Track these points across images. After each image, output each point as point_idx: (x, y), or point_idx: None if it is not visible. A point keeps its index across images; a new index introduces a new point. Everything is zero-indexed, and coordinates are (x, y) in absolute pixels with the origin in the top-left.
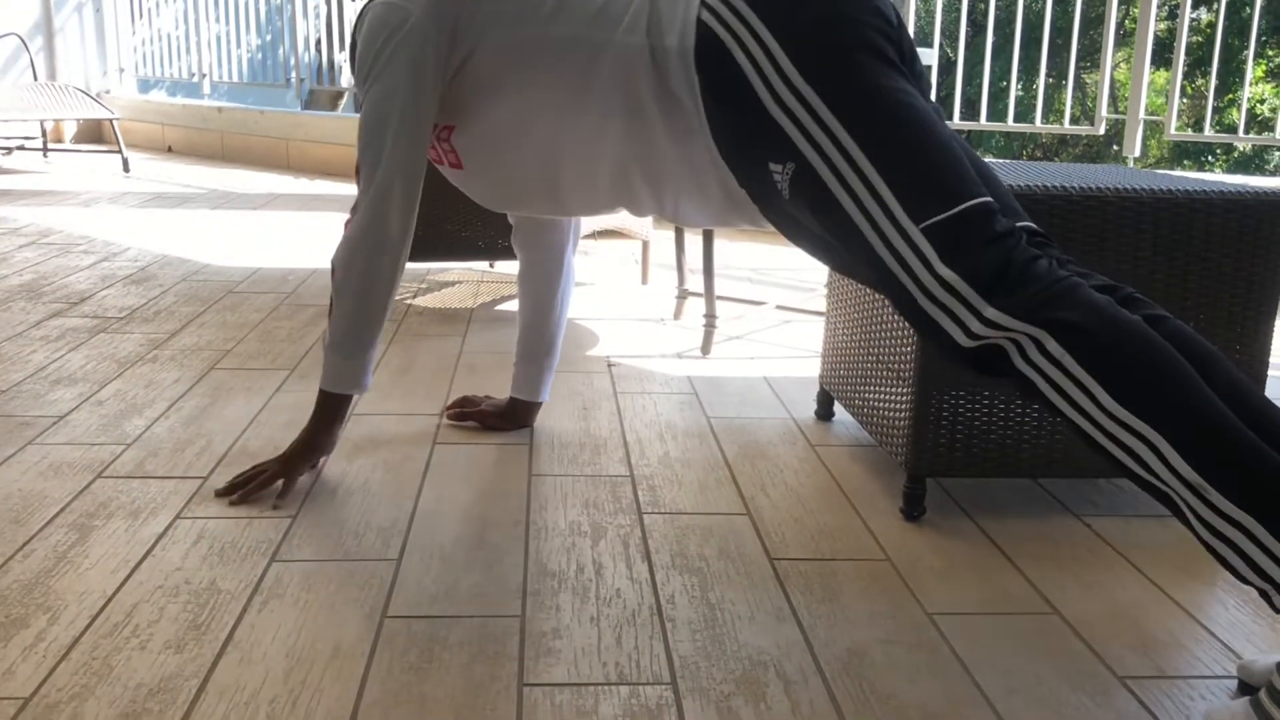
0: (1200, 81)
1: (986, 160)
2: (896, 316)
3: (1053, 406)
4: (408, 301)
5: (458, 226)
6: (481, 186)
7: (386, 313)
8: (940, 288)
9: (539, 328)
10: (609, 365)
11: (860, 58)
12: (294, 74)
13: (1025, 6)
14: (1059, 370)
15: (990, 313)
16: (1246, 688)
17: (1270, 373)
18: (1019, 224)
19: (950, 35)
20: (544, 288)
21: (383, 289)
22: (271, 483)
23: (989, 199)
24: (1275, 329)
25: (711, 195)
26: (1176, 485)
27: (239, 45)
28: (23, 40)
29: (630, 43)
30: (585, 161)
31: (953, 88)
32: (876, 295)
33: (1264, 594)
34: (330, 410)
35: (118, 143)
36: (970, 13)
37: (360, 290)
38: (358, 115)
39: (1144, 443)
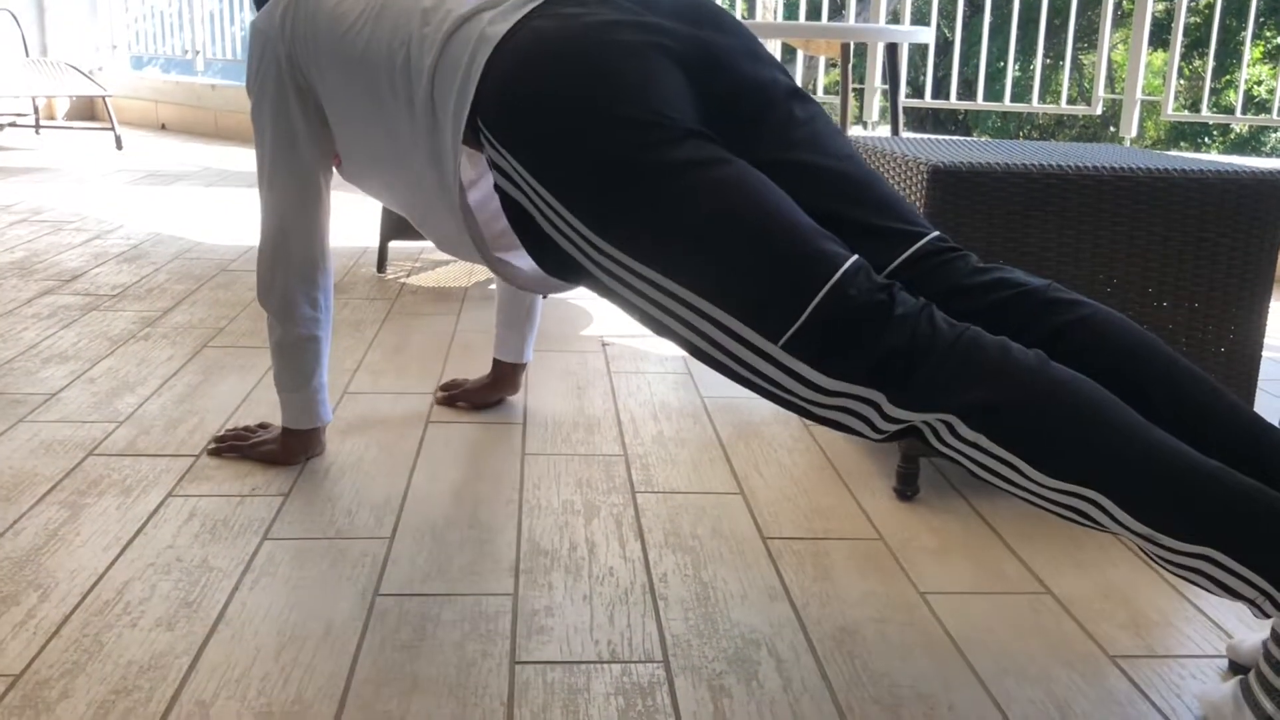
0: (1198, 63)
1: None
2: None
3: (983, 480)
4: (401, 280)
5: None
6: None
7: (318, 342)
8: (829, 397)
9: (518, 296)
10: (603, 345)
11: (653, 193)
12: None
13: None
14: (979, 451)
15: (889, 409)
16: (1236, 667)
17: (1265, 353)
18: (909, 251)
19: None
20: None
21: (303, 316)
22: (263, 460)
23: (841, 269)
24: (1271, 309)
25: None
26: (1129, 535)
27: (232, 22)
28: (14, 16)
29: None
30: (434, 223)
31: (950, 67)
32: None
33: (1250, 607)
34: (297, 442)
35: (110, 120)
36: None
37: (281, 320)
38: None
39: (1086, 502)
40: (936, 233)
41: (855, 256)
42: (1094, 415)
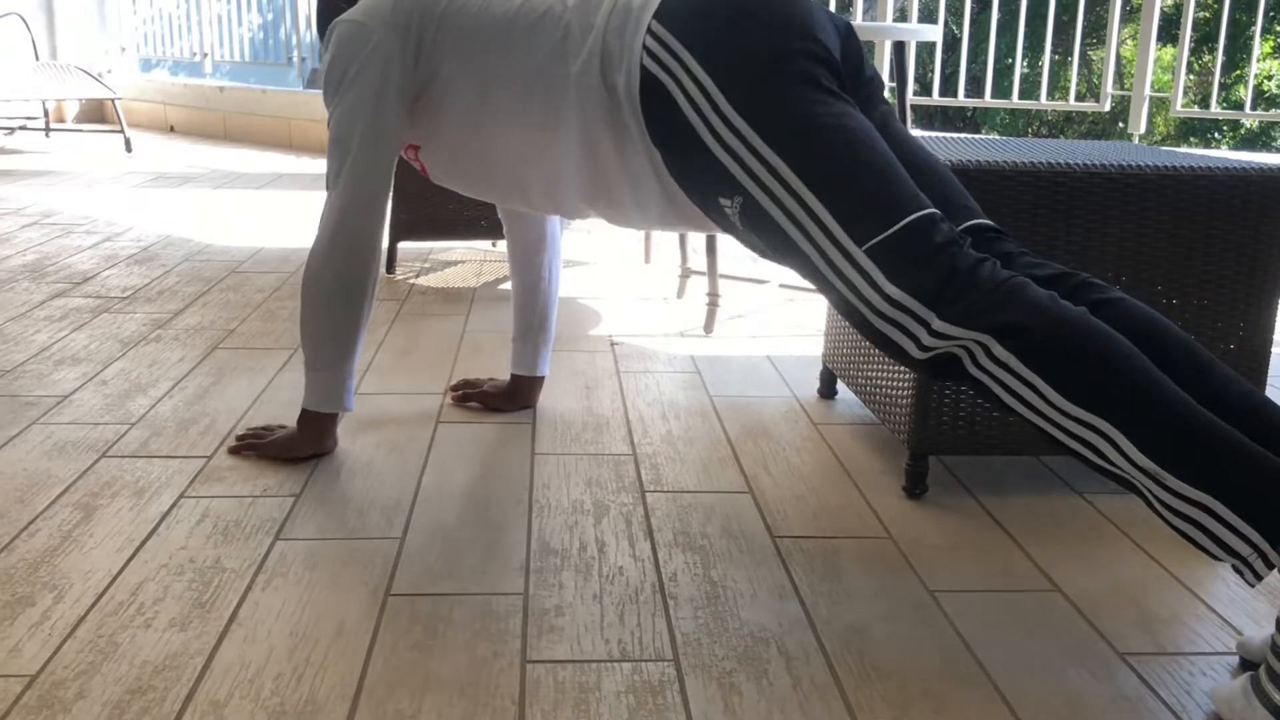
0: (1207, 58)
1: (991, 137)
2: None
3: (1007, 406)
4: (410, 281)
5: (460, 206)
6: (454, 186)
7: (364, 322)
8: (889, 305)
9: (530, 302)
10: (611, 344)
11: (793, 89)
12: (296, 53)
13: None
14: (1007, 373)
15: (938, 324)
16: (1246, 664)
17: (1274, 349)
18: (969, 223)
19: (955, 11)
20: (531, 257)
21: (359, 294)
22: (277, 450)
23: (928, 210)
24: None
25: (675, 217)
26: (1134, 473)
27: (240, 24)
28: (24, 20)
29: (586, 83)
30: (549, 185)
31: (958, 64)
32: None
33: (1237, 569)
34: (314, 430)
35: (120, 122)
36: None
37: (335, 296)
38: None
39: (1098, 434)
40: (987, 220)
41: (939, 212)
42: (1122, 356)
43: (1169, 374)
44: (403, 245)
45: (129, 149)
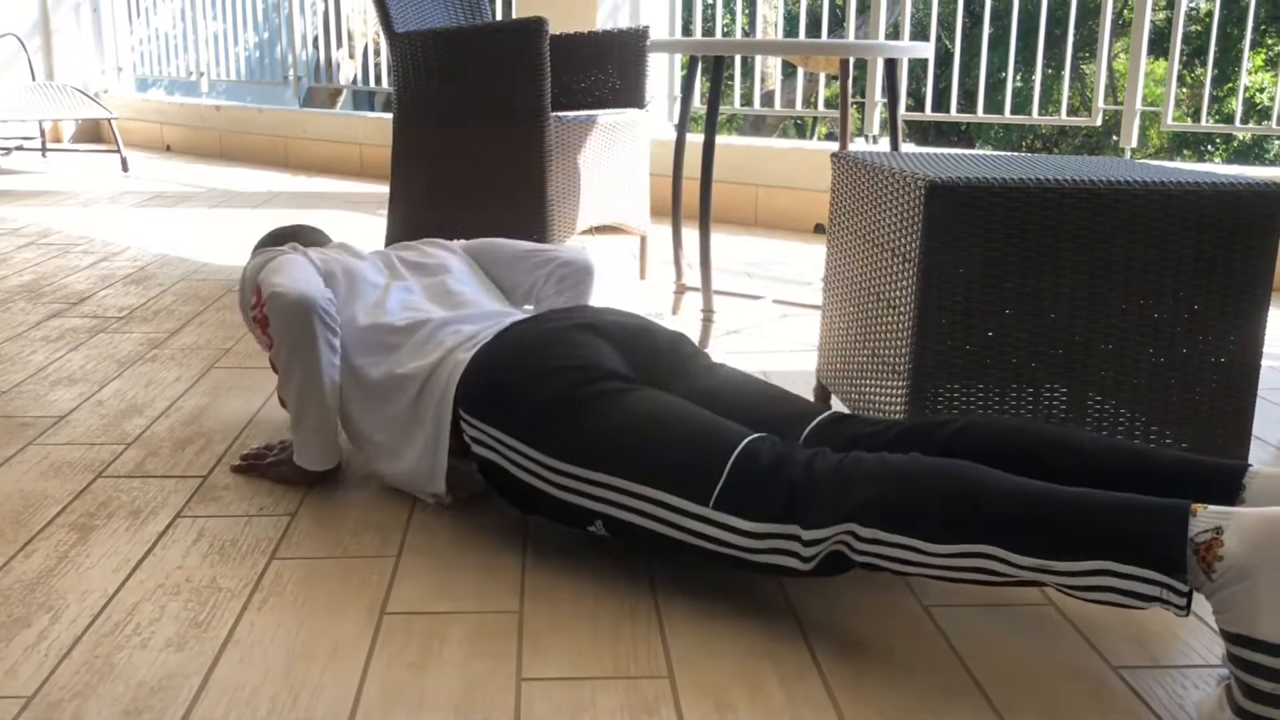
0: (1199, 71)
1: (983, 152)
2: (893, 311)
3: (901, 574)
4: None
5: (457, 214)
6: None
7: (332, 382)
8: (758, 540)
9: None
10: None
11: (589, 414)
12: (292, 71)
13: None
14: (881, 545)
15: (807, 534)
16: None
17: (1264, 362)
18: (812, 424)
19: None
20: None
21: (310, 356)
22: (278, 480)
23: (746, 440)
24: (1270, 317)
25: None
26: (1029, 574)
27: (236, 43)
28: (20, 40)
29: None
30: None
31: (950, 79)
32: (872, 290)
33: (1164, 608)
34: (310, 476)
35: (116, 142)
36: (967, 4)
37: (293, 366)
38: (356, 114)
39: (982, 558)
40: (830, 410)
41: (757, 433)
42: (958, 480)
43: (1038, 469)
44: None
45: (125, 168)
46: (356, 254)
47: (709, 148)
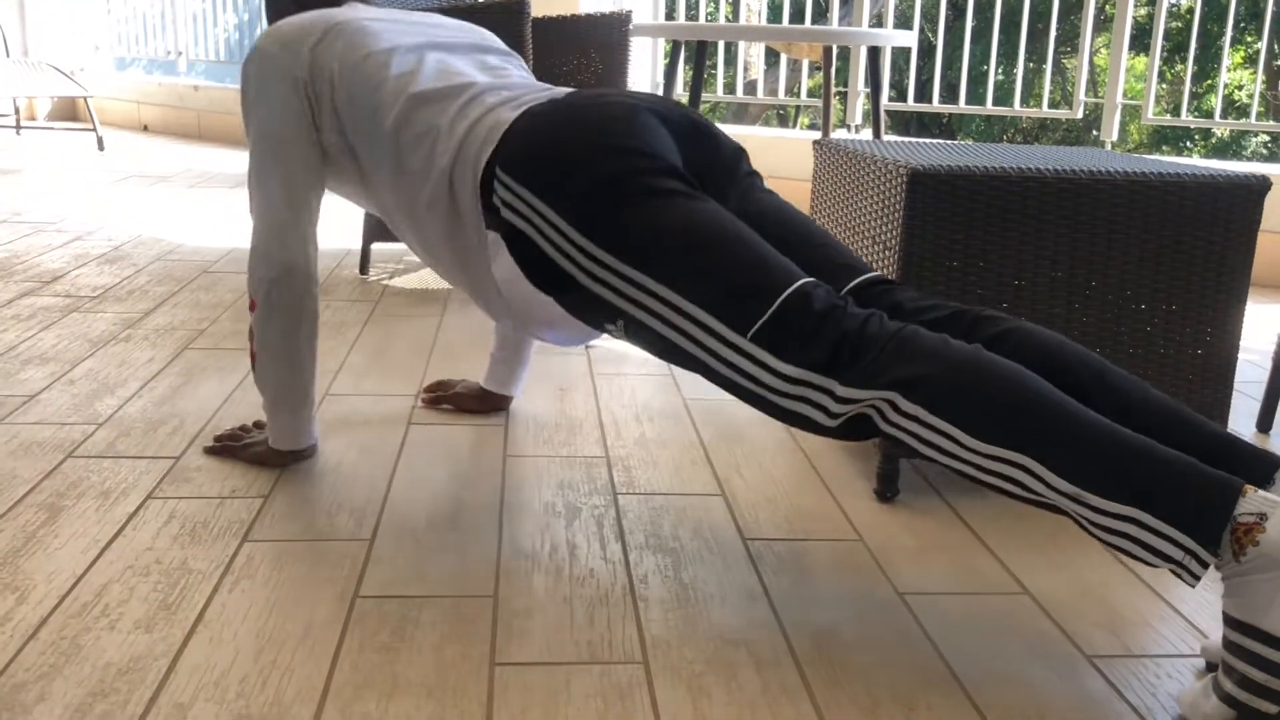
0: (1179, 67)
1: (965, 143)
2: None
3: (926, 457)
4: (384, 282)
5: None
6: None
7: (313, 355)
8: (789, 384)
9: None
10: (586, 347)
11: (642, 207)
12: None
13: None
14: (918, 424)
15: (841, 390)
16: (1211, 666)
17: (1240, 355)
18: (855, 281)
19: (930, 18)
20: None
21: (294, 325)
22: (252, 461)
23: (801, 281)
24: (1246, 311)
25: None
26: (1058, 498)
27: (215, 23)
28: None
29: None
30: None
31: (933, 71)
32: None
33: (1175, 573)
34: (285, 456)
35: (92, 121)
36: None
37: (276, 336)
38: None
39: (1017, 468)
40: (877, 271)
41: (812, 279)
42: (1024, 387)
43: (1075, 393)
44: (376, 246)
45: (101, 147)
46: (378, 15)
47: None
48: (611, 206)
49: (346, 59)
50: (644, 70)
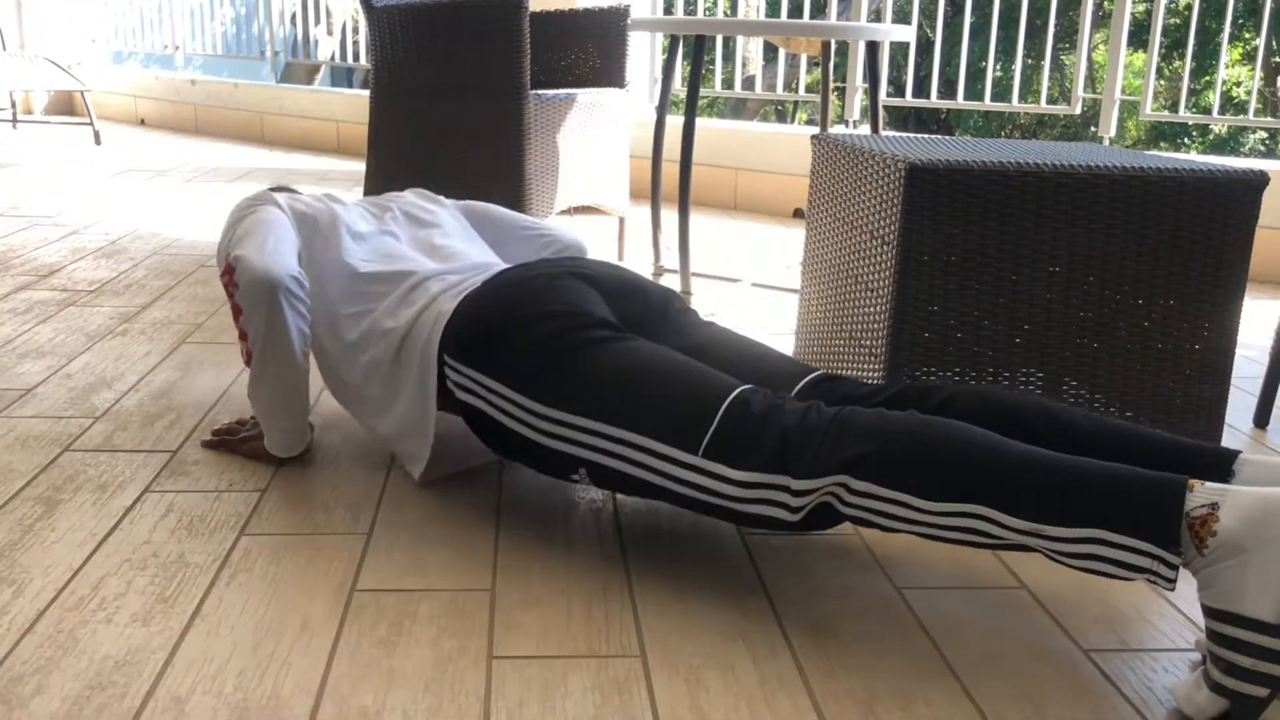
0: (1177, 63)
1: (960, 138)
2: (872, 294)
3: (889, 529)
4: None
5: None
6: None
7: (304, 371)
8: (746, 489)
9: None
10: None
11: (578, 360)
12: (269, 47)
13: None
14: (873, 499)
15: (796, 484)
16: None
17: (1238, 350)
18: (802, 382)
19: (929, 14)
20: None
21: (298, 339)
22: (250, 456)
23: (738, 390)
24: (1244, 307)
25: None
26: (1020, 538)
27: (214, 17)
28: None
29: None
30: None
31: (931, 67)
32: (850, 274)
33: (1151, 581)
34: (283, 459)
35: (89, 115)
36: None
37: (266, 360)
38: (334, 90)
39: (974, 518)
40: (821, 370)
41: (748, 385)
42: (961, 440)
43: (1026, 438)
44: None
45: (98, 141)
46: (342, 201)
47: (689, 130)
48: (549, 366)
49: (308, 215)
50: (642, 64)
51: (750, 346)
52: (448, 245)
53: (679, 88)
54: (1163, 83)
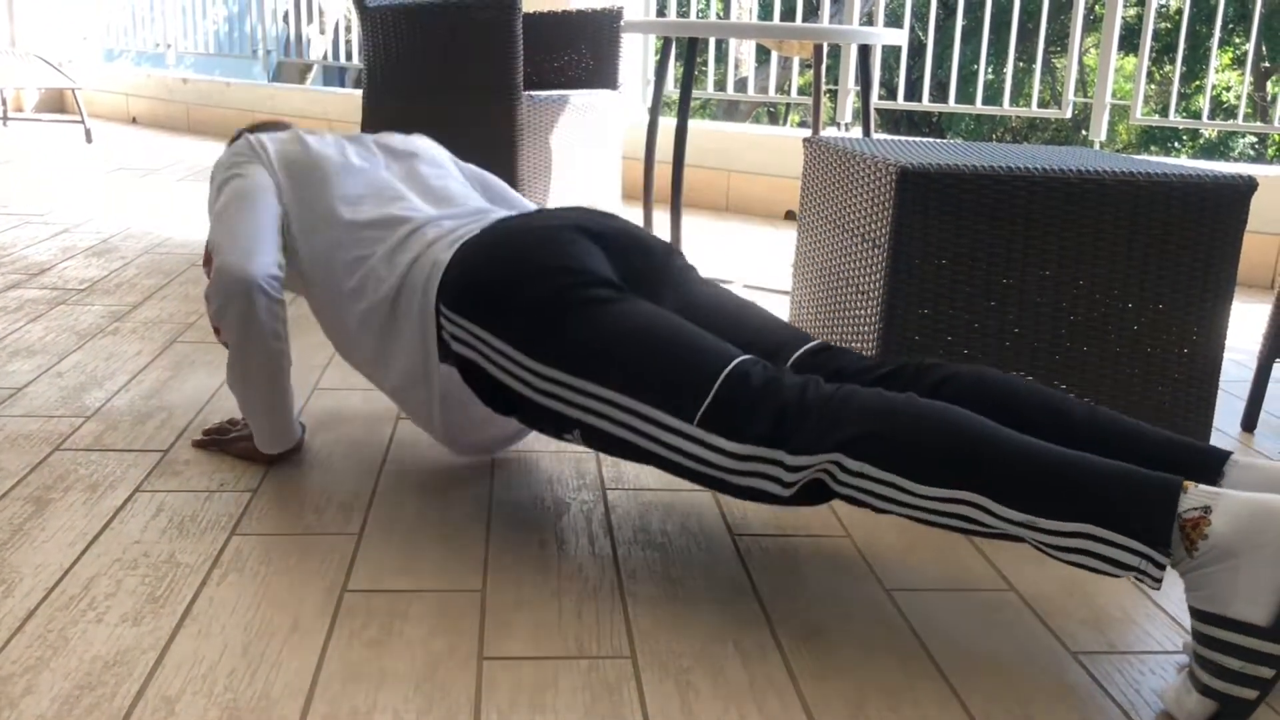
0: (1168, 68)
1: (954, 141)
2: (863, 296)
3: (880, 510)
4: None
5: None
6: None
7: (286, 365)
8: (741, 461)
9: None
10: None
11: (576, 319)
12: (261, 46)
13: None
14: (866, 479)
15: (790, 459)
16: None
17: (1226, 354)
18: (798, 352)
19: (921, 17)
20: None
21: (275, 331)
22: (241, 456)
23: (737, 360)
24: (1232, 311)
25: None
26: (1011, 528)
27: (206, 16)
28: None
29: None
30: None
31: (923, 70)
32: (842, 277)
33: (1137, 579)
34: (273, 456)
35: (80, 113)
36: None
37: (244, 356)
38: (327, 90)
39: (966, 505)
40: (818, 340)
41: (748, 355)
42: (959, 426)
43: (1020, 424)
44: None
45: (89, 139)
46: (339, 138)
47: (681, 131)
48: (548, 325)
49: (297, 162)
50: (635, 67)
51: (749, 310)
52: (446, 187)
53: (671, 89)
54: (1153, 87)
